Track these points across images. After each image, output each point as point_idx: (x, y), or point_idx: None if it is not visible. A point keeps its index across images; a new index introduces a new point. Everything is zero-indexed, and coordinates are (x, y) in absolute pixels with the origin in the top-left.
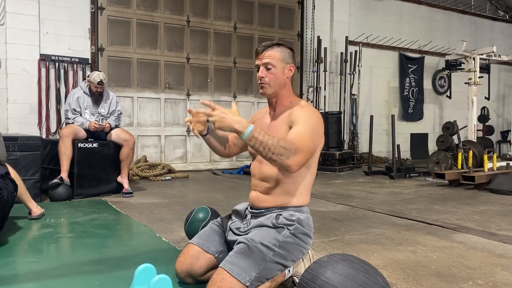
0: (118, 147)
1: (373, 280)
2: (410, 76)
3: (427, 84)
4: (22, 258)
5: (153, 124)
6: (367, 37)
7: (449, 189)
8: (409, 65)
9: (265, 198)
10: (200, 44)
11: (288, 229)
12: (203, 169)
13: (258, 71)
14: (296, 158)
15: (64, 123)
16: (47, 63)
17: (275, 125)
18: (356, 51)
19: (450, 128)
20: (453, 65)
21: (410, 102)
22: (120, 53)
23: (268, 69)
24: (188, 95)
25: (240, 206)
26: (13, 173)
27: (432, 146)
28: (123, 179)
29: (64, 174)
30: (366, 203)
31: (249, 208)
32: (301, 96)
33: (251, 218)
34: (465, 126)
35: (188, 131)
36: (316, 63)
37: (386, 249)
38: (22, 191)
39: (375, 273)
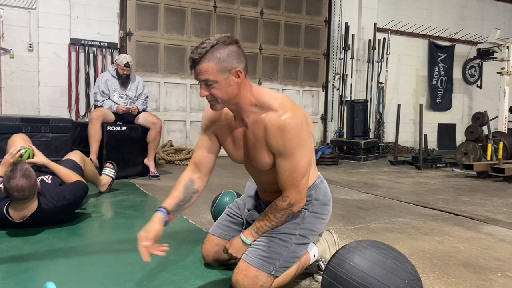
0: (145, 130)
1: (401, 267)
2: (439, 65)
3: (457, 73)
4: (55, 234)
5: (179, 110)
6: (396, 24)
7: (477, 180)
8: (439, 53)
9: (273, 194)
10: (227, 30)
11: (305, 209)
12: (226, 155)
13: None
14: (298, 205)
15: (93, 106)
16: (77, 47)
17: (253, 145)
18: (384, 38)
19: (480, 119)
20: (485, 54)
21: (439, 92)
22: (147, 38)
23: (208, 85)
24: None
25: (252, 190)
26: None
27: (459, 137)
28: (149, 162)
29: (93, 156)
30: (391, 193)
31: (262, 199)
32: (326, 84)
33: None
34: (496, 117)
35: None
36: (343, 50)
37: (412, 238)
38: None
39: (404, 260)
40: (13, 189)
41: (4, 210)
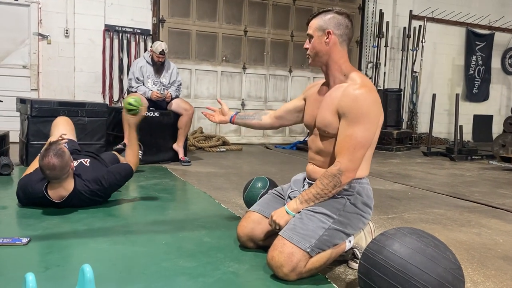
0: (177, 117)
1: (442, 255)
2: (477, 54)
3: (496, 62)
4: (93, 214)
5: (210, 97)
6: (432, 12)
7: None
8: (477, 42)
9: (322, 171)
10: (258, 17)
11: (348, 198)
12: (255, 143)
13: None
14: (347, 174)
15: (127, 92)
16: (111, 33)
17: (327, 104)
18: (420, 26)
19: None
20: None
21: (475, 82)
22: (180, 25)
23: (309, 39)
24: (244, 68)
25: (299, 176)
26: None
27: (496, 129)
28: (179, 147)
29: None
30: (425, 184)
31: (307, 179)
32: None
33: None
34: None
35: (243, 104)
36: (377, 38)
37: (448, 229)
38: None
39: (444, 248)
40: (45, 167)
41: (44, 189)
